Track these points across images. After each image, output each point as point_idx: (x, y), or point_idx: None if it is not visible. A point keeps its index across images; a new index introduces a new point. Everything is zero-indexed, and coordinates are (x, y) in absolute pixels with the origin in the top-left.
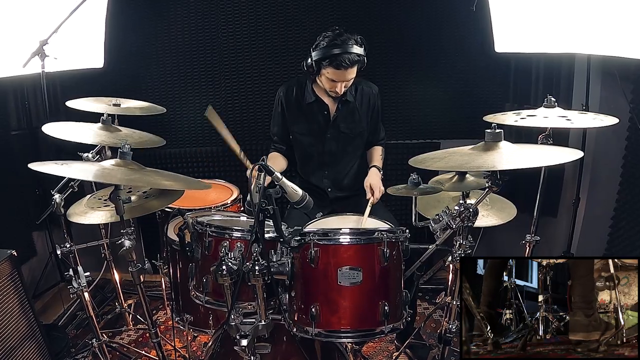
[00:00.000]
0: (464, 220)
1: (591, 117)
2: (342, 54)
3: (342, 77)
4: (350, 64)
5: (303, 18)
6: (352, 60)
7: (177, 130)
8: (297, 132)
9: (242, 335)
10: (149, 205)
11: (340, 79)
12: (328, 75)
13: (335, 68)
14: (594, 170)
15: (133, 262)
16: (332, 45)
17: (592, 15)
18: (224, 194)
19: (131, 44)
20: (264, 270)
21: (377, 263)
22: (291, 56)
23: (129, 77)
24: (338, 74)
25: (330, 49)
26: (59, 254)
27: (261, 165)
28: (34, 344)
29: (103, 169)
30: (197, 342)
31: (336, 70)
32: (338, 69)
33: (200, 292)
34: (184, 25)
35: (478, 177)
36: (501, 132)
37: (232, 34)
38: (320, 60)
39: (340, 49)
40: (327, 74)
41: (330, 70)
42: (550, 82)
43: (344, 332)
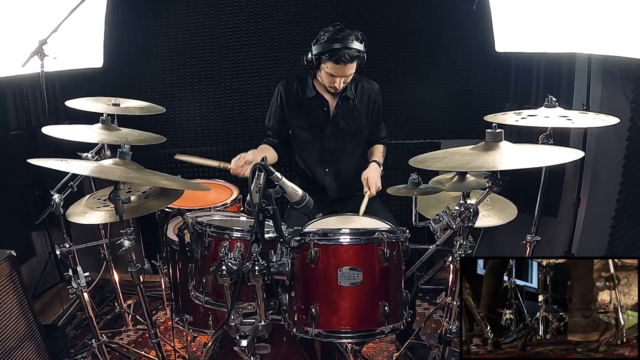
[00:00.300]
0: (465, 220)
1: (592, 117)
2: (342, 48)
3: (342, 72)
4: (350, 59)
5: (303, 16)
6: (351, 55)
7: (177, 130)
8: (297, 127)
9: (241, 335)
10: (148, 206)
11: (339, 73)
12: (327, 70)
13: (335, 62)
14: (594, 170)
15: (132, 262)
16: (332, 39)
17: (592, 15)
18: (223, 194)
19: (130, 43)
20: (263, 271)
21: (377, 263)
22: (291, 54)
23: (129, 77)
24: (337, 69)
25: (331, 43)
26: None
27: (261, 166)
28: (33, 345)
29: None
30: (196, 343)
31: (336, 64)
32: (338, 63)
33: (199, 292)
34: (183, 24)
35: (478, 177)
36: (502, 132)
37: (232, 32)
38: (320, 54)
39: (341, 43)
40: (327, 69)
41: (329, 65)
42: (551, 81)
43: (344, 333)
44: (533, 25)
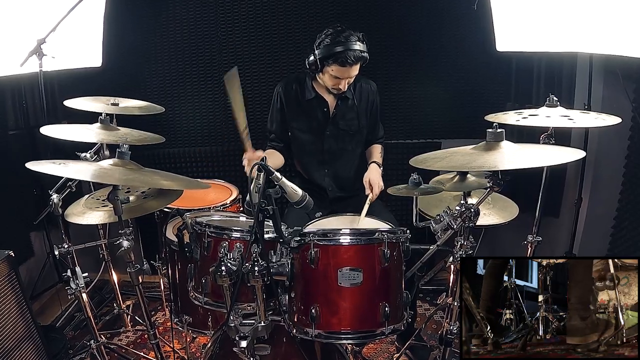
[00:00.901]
0: (465, 220)
1: (593, 117)
2: (347, 50)
3: (347, 74)
4: (355, 60)
5: (303, 14)
6: (356, 56)
7: (176, 129)
8: (297, 129)
9: (241, 336)
10: (147, 206)
11: (344, 75)
12: (332, 73)
13: (340, 65)
14: (596, 170)
15: (131, 262)
16: (336, 42)
17: (594, 14)
18: (223, 194)
19: (129, 42)
20: (263, 271)
21: (378, 264)
22: (291, 53)
23: (128, 76)
24: (342, 71)
25: (335, 46)
26: (56, 255)
27: (261, 165)
28: (31, 346)
29: (101, 169)
30: (196, 344)
31: (341, 67)
32: (343, 66)
33: (199, 293)
34: (182, 23)
35: (479, 177)
36: (503, 132)
37: (232, 31)
38: (325, 58)
39: (344, 46)
40: (332, 71)
41: (335, 68)
42: (552, 81)
43: (344, 334)
44: (534, 24)
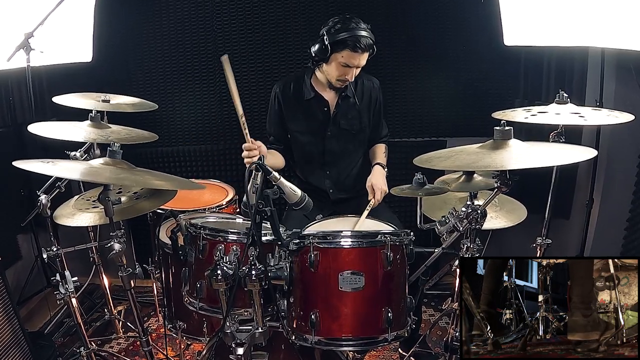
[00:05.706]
0: (472, 222)
1: (605, 114)
2: (359, 36)
3: (356, 62)
4: (367, 47)
5: (303, 8)
6: (367, 43)
7: (170, 127)
8: (296, 131)
9: (238, 343)
10: (140, 207)
11: (354, 63)
12: (342, 60)
13: (352, 50)
14: (608, 170)
15: (123, 266)
16: (347, 27)
17: (606, 7)
18: (218, 195)
19: (121, 36)
20: (261, 275)
21: (380, 267)
22: (290, 47)
23: (119, 72)
24: (353, 57)
25: (347, 32)
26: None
27: (258, 165)
28: (18, 353)
29: (91, 168)
30: (190, 351)
31: (353, 52)
32: (355, 51)
33: (194, 298)
34: (177, 17)
35: (486, 177)
36: (510, 130)
37: (228, 25)
38: (336, 43)
39: (356, 31)
40: (342, 58)
41: (345, 54)
42: (563, 77)
43: (345, 340)
44: (544, 17)
